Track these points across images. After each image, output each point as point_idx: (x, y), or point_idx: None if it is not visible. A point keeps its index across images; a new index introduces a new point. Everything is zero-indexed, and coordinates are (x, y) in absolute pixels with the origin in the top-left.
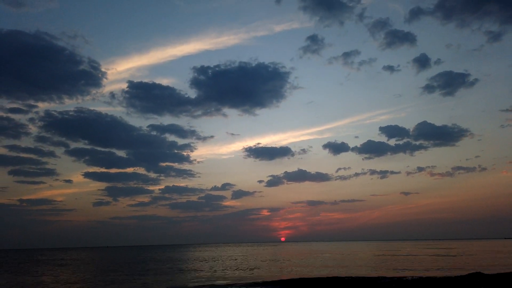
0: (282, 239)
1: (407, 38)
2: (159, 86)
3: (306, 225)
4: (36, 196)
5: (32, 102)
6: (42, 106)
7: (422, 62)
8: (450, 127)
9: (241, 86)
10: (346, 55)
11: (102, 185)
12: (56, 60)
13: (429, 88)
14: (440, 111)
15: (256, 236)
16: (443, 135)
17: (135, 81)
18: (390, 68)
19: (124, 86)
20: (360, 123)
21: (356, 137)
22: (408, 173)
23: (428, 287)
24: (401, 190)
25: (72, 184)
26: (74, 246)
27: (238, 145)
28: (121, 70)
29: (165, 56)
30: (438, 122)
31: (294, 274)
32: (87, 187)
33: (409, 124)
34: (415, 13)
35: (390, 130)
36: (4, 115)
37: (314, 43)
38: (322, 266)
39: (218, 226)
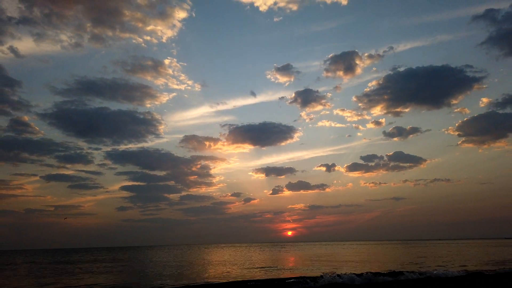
0: (290, 235)
1: (361, 114)
2: (205, 137)
3: (306, 227)
4: (70, 203)
5: (111, 144)
6: (114, 146)
7: (378, 122)
8: (418, 153)
9: (262, 137)
10: (327, 121)
11: (130, 194)
12: (146, 125)
13: (388, 135)
14: (403, 147)
15: (258, 236)
16: (413, 160)
17: (187, 134)
18: (356, 127)
19: (180, 135)
20: (341, 151)
21: (341, 160)
22: (395, 184)
23: (428, 287)
24: (392, 196)
25: (107, 193)
26: (76, 247)
27: (249, 165)
28: (180, 120)
29: (217, 109)
30: (406, 152)
31: None
32: (116, 194)
33: (382, 154)
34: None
35: (368, 158)
36: (89, 151)
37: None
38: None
39: (223, 227)
